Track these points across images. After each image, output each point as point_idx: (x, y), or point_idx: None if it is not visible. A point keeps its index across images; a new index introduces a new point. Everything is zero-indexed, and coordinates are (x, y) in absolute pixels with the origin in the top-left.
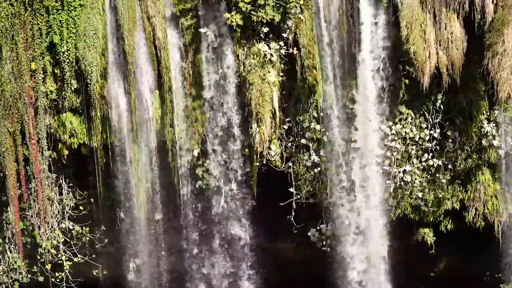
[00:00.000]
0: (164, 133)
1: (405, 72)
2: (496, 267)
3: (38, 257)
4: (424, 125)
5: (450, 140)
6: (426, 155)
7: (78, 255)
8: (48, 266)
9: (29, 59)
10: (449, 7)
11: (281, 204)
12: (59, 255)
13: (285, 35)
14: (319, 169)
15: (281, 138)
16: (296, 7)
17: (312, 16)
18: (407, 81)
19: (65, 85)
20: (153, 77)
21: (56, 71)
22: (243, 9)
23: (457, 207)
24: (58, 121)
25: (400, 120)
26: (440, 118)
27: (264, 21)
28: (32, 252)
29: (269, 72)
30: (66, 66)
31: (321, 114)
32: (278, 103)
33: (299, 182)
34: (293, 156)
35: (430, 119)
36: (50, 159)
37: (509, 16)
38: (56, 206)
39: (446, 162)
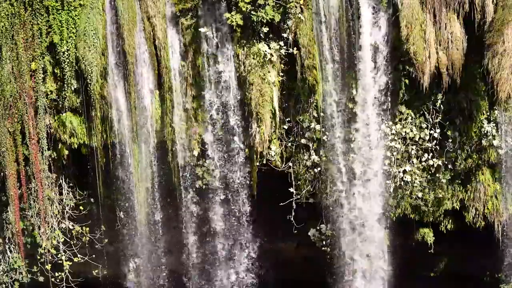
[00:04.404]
0: (164, 133)
1: (405, 72)
2: (496, 267)
3: (38, 257)
4: (424, 125)
5: (450, 140)
6: (426, 155)
7: (78, 255)
8: (48, 266)
9: (29, 59)
10: (449, 7)
11: (281, 204)
12: (59, 255)
13: (285, 35)
14: (319, 169)
15: (281, 138)
16: (296, 7)
17: (312, 16)
18: (407, 81)
19: (65, 85)
20: (153, 77)
21: (56, 71)
22: (243, 9)
23: (457, 207)
24: (58, 121)
25: (400, 120)
26: (440, 118)
27: (264, 21)
28: (32, 252)
29: (269, 72)
30: (66, 66)
31: (321, 114)
32: (278, 103)
33: (299, 182)
34: (293, 156)
35: (430, 119)
36: (50, 159)
37: (509, 16)
38: (56, 206)
39: (446, 162)
